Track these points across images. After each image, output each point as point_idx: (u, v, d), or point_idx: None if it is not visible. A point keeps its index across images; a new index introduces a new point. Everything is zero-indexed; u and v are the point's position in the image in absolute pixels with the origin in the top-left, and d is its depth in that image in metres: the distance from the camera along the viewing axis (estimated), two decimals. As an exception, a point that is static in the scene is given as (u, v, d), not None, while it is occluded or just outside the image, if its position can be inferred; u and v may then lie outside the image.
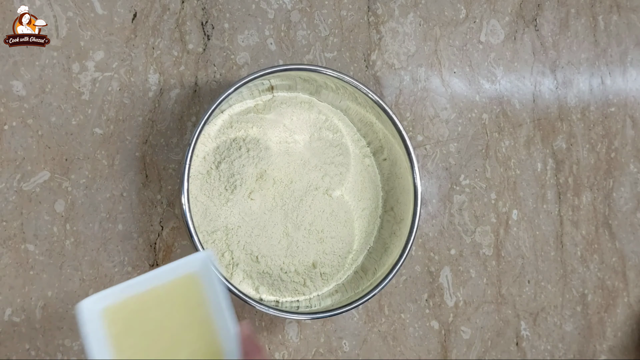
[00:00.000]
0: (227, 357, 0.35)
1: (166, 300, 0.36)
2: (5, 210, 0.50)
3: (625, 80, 0.71)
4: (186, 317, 0.36)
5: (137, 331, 0.35)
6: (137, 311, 0.35)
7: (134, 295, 0.35)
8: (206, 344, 0.35)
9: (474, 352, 0.62)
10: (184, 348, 0.35)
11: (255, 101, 0.55)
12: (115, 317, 0.34)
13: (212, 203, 0.52)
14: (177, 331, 0.35)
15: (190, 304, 0.36)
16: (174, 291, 0.36)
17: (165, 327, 0.35)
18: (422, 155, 0.62)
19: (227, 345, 0.35)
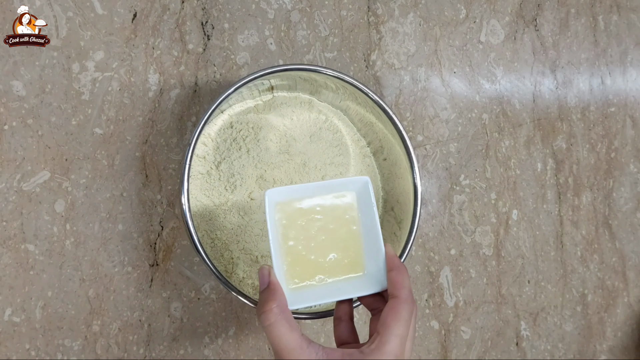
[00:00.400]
0: (368, 271, 0.41)
1: (327, 208, 0.42)
2: (5, 210, 0.50)
3: (625, 80, 0.71)
4: (340, 227, 0.42)
5: (299, 227, 0.41)
6: (303, 211, 0.41)
7: (301, 198, 0.42)
8: (353, 255, 0.41)
9: (474, 352, 0.62)
10: (333, 252, 0.41)
11: (255, 101, 0.55)
12: (286, 211, 0.41)
13: (212, 203, 0.52)
14: (330, 237, 0.41)
15: (345, 217, 0.42)
16: (334, 203, 0.42)
17: (322, 230, 0.41)
18: (422, 155, 0.62)
19: (372, 261, 0.41)
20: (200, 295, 0.54)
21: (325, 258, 0.41)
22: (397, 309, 0.38)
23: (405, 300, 0.38)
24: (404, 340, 0.37)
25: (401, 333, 0.37)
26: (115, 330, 0.52)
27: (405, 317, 0.37)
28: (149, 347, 0.53)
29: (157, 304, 0.53)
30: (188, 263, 0.54)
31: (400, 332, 0.37)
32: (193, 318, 0.54)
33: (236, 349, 0.55)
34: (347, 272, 0.41)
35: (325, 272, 0.41)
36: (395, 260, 0.40)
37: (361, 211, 0.42)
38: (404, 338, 0.37)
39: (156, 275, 0.53)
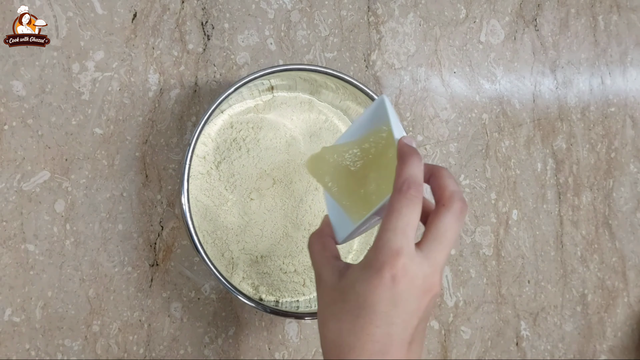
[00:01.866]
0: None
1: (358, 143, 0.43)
2: (5, 210, 0.50)
3: (625, 80, 0.71)
4: (379, 155, 0.42)
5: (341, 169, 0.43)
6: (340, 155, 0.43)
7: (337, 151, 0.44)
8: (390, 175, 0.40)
9: (474, 352, 0.62)
10: (377, 180, 0.41)
11: (255, 101, 0.55)
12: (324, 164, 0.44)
13: (212, 203, 0.52)
14: (373, 166, 0.42)
15: (381, 143, 0.42)
16: (364, 135, 0.43)
17: (364, 165, 0.42)
18: (422, 155, 0.62)
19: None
20: (200, 295, 0.54)
21: (372, 187, 0.42)
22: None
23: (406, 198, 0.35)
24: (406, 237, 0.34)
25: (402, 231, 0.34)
26: (115, 330, 0.52)
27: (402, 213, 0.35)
28: (149, 347, 0.53)
29: (157, 304, 0.53)
30: (188, 263, 0.54)
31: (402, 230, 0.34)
32: (193, 318, 0.54)
33: (236, 349, 0.55)
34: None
35: (379, 196, 0.41)
36: (402, 151, 0.38)
37: (388, 128, 0.41)
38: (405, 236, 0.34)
39: (156, 275, 0.53)
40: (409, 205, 0.35)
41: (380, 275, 0.33)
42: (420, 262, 0.34)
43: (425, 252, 0.35)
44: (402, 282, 0.33)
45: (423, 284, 0.34)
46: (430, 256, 0.35)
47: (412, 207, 0.35)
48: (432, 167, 0.39)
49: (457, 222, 0.36)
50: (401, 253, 0.33)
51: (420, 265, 0.34)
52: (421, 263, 0.34)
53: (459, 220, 0.36)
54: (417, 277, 0.34)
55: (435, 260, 0.35)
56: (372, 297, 0.33)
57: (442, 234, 0.36)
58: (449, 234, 0.36)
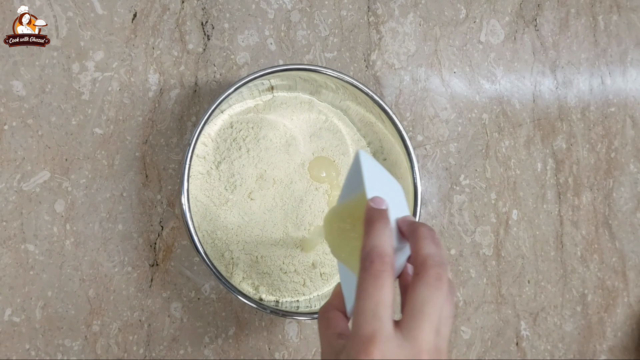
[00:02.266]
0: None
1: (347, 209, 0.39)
2: (5, 210, 0.50)
3: (625, 80, 0.71)
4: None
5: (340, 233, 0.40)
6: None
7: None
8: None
9: (474, 352, 0.62)
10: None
11: (255, 101, 0.55)
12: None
13: (212, 203, 0.52)
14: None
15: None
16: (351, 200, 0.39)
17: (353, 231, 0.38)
18: (422, 155, 0.62)
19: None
20: (200, 295, 0.54)
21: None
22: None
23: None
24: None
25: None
26: (115, 330, 0.52)
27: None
28: (149, 347, 0.53)
29: (157, 304, 0.53)
30: (188, 263, 0.54)
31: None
32: (193, 318, 0.54)
33: (236, 349, 0.55)
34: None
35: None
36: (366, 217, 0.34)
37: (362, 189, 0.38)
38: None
39: (156, 275, 0.53)
40: (375, 283, 0.31)
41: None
42: (400, 344, 0.30)
43: (405, 332, 0.31)
44: None
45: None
46: (410, 336, 0.31)
47: (380, 284, 0.31)
48: (410, 226, 0.35)
49: (435, 291, 0.32)
50: (374, 338, 0.30)
51: (400, 348, 0.30)
52: (401, 346, 0.30)
53: (438, 289, 0.32)
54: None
55: (417, 340, 0.31)
56: None
57: (419, 308, 0.31)
58: (428, 308, 0.31)
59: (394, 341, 0.30)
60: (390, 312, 0.31)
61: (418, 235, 0.34)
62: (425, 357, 0.31)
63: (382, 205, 0.35)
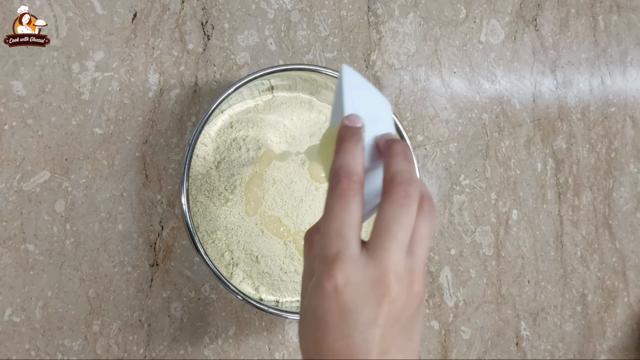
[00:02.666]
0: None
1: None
2: (5, 210, 0.50)
3: (625, 80, 0.71)
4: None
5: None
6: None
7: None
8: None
9: (474, 352, 0.62)
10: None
11: (255, 101, 0.55)
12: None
13: (212, 203, 0.52)
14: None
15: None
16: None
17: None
18: (422, 155, 0.62)
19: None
20: (200, 295, 0.54)
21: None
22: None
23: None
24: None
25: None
26: (115, 330, 0.52)
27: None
28: (149, 347, 0.53)
29: (157, 304, 0.53)
30: (188, 263, 0.54)
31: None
32: (193, 318, 0.54)
33: (236, 349, 0.55)
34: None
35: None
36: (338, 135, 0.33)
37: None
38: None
39: (156, 275, 0.53)
40: (340, 202, 0.30)
41: (321, 287, 0.29)
42: (365, 264, 0.29)
43: (370, 251, 0.30)
44: (346, 292, 0.29)
45: (373, 288, 0.29)
46: (375, 255, 0.30)
47: (345, 203, 0.30)
48: (386, 143, 0.33)
49: (401, 208, 0.30)
50: (337, 259, 0.29)
51: (365, 268, 0.29)
52: (366, 266, 0.29)
53: (404, 206, 0.30)
54: (363, 283, 0.29)
55: (383, 259, 0.29)
56: (321, 311, 0.30)
57: (385, 227, 0.30)
58: (394, 226, 0.30)
59: (358, 261, 0.29)
60: (356, 232, 0.30)
61: (390, 152, 0.32)
62: (392, 278, 0.29)
63: (356, 123, 0.33)
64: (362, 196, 0.31)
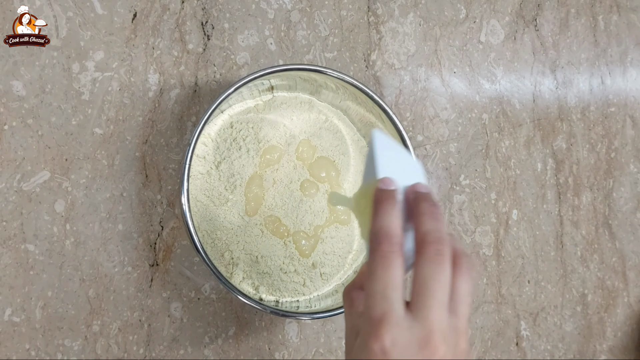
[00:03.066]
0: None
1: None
2: (5, 210, 0.50)
3: (625, 80, 0.71)
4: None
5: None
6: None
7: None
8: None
9: (474, 352, 0.62)
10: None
11: (255, 101, 0.55)
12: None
13: (212, 203, 0.52)
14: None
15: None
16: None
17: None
18: (422, 155, 0.62)
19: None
20: (200, 295, 0.54)
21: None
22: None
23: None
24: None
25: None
26: (115, 330, 0.52)
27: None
28: (149, 347, 0.53)
29: (157, 304, 0.53)
30: (188, 263, 0.54)
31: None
32: (193, 318, 0.54)
33: (236, 349, 0.55)
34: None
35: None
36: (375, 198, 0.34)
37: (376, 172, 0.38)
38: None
39: (156, 275, 0.53)
40: (382, 264, 0.31)
41: (369, 348, 0.30)
42: (410, 325, 0.30)
43: (414, 312, 0.30)
44: (394, 352, 0.29)
45: (420, 350, 0.30)
46: (419, 316, 0.30)
47: (387, 265, 0.31)
48: (414, 202, 0.35)
49: (436, 267, 0.31)
50: (383, 321, 0.30)
51: (411, 329, 0.30)
52: (411, 327, 0.30)
53: (438, 264, 0.31)
54: (410, 344, 0.30)
55: (427, 319, 0.30)
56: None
57: (423, 286, 0.31)
58: (432, 285, 0.31)
59: (403, 323, 0.30)
60: (400, 294, 0.31)
61: (418, 211, 0.33)
62: (437, 337, 0.30)
63: (390, 185, 0.34)
64: (402, 257, 0.32)
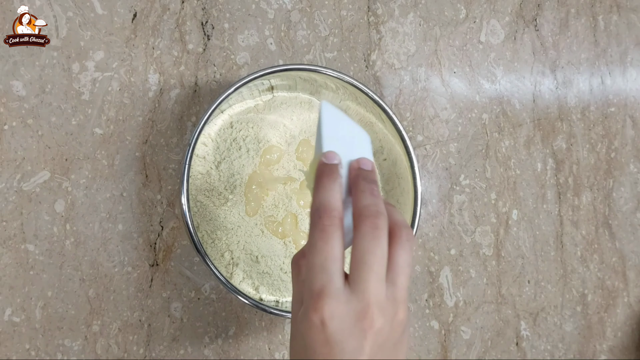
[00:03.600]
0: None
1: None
2: (5, 210, 0.50)
3: (625, 80, 0.71)
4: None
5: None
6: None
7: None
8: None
9: (474, 352, 0.62)
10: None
11: (255, 101, 0.55)
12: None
13: (212, 203, 0.52)
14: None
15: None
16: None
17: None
18: (422, 155, 0.62)
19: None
20: (200, 295, 0.54)
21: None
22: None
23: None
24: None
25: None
26: (115, 330, 0.52)
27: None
28: (149, 347, 0.53)
29: (157, 304, 0.53)
30: (188, 263, 0.54)
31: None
32: (193, 318, 0.54)
33: (236, 349, 0.55)
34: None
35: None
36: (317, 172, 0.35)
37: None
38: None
39: (156, 275, 0.53)
40: (322, 237, 0.31)
41: (309, 319, 0.31)
42: (348, 299, 0.31)
43: (352, 285, 0.31)
44: (332, 325, 0.30)
45: (357, 321, 0.31)
46: (356, 289, 0.31)
47: (327, 238, 0.31)
48: (354, 179, 0.35)
49: (373, 240, 0.32)
50: (322, 293, 0.30)
51: (348, 303, 0.31)
52: (349, 300, 0.31)
53: (375, 237, 0.32)
54: (348, 316, 0.30)
55: (364, 292, 0.31)
56: (309, 340, 0.31)
57: (360, 259, 0.31)
58: (368, 258, 0.31)
59: (342, 296, 0.31)
60: (339, 266, 0.31)
61: (356, 189, 0.34)
62: (374, 309, 0.31)
63: (333, 160, 0.35)
64: (342, 230, 0.32)
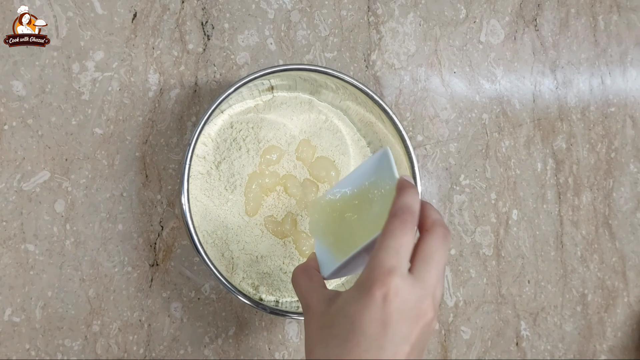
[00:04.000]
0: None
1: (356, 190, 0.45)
2: (5, 210, 0.50)
3: (625, 80, 0.71)
4: (372, 204, 0.42)
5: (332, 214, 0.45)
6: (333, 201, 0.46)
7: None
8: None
9: (474, 352, 0.62)
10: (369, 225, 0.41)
11: (255, 101, 0.55)
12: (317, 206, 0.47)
13: (212, 203, 0.52)
14: (363, 214, 0.43)
15: (375, 194, 0.43)
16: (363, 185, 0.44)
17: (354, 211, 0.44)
18: (422, 155, 0.62)
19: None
20: (200, 295, 0.54)
21: (360, 229, 0.42)
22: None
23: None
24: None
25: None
26: (115, 330, 0.52)
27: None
28: (149, 347, 0.53)
29: (157, 304, 0.53)
30: (188, 263, 0.54)
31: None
32: (193, 318, 0.54)
33: (236, 349, 0.55)
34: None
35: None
36: (401, 184, 0.38)
37: (386, 183, 0.42)
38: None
39: (156, 275, 0.53)
40: (402, 228, 0.34)
41: (371, 293, 0.32)
42: (412, 283, 0.33)
43: (416, 274, 0.34)
44: (394, 303, 0.32)
45: (415, 307, 0.33)
46: (421, 278, 0.34)
47: (406, 230, 0.34)
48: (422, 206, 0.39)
49: (442, 245, 0.35)
50: (393, 272, 0.32)
51: (413, 287, 0.33)
52: (413, 285, 0.33)
53: (444, 244, 0.35)
54: (410, 299, 0.32)
55: (427, 283, 0.34)
56: (362, 318, 0.32)
57: (430, 256, 0.35)
58: (437, 256, 0.35)
59: (408, 279, 0.33)
60: (408, 257, 0.34)
61: (426, 206, 0.38)
62: (429, 301, 0.33)
63: (410, 179, 0.38)
64: (415, 231, 0.35)
